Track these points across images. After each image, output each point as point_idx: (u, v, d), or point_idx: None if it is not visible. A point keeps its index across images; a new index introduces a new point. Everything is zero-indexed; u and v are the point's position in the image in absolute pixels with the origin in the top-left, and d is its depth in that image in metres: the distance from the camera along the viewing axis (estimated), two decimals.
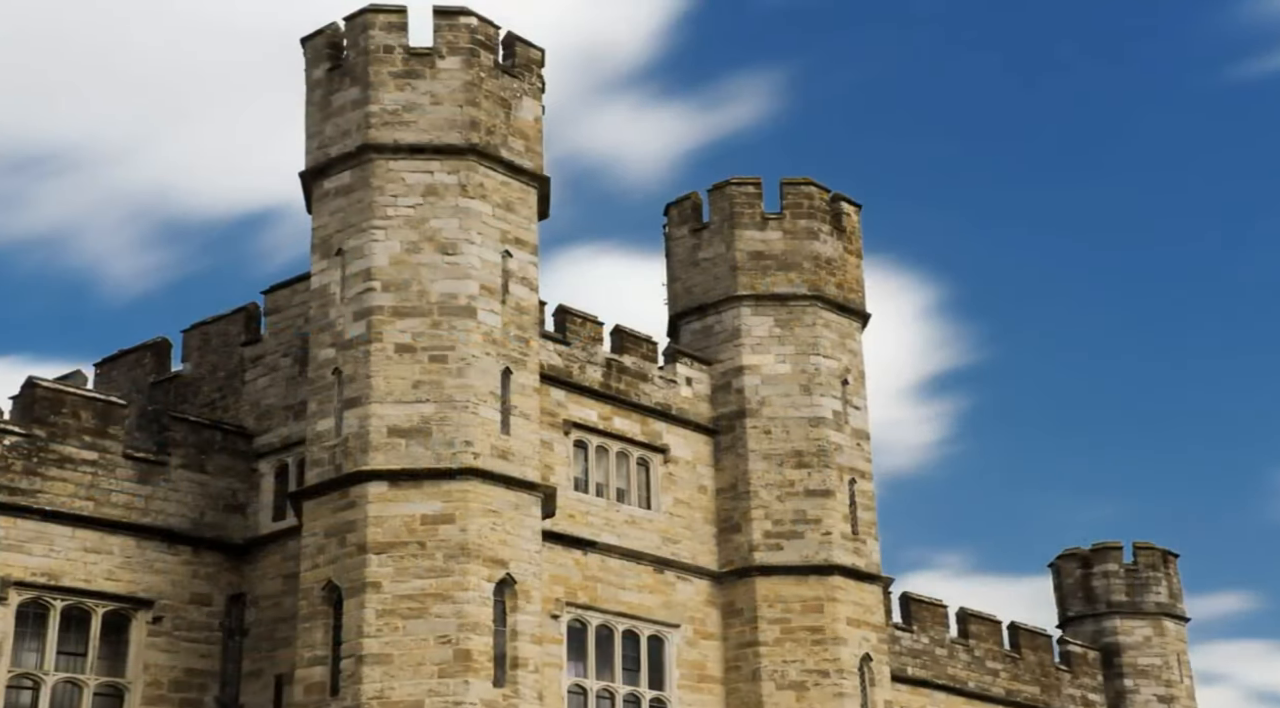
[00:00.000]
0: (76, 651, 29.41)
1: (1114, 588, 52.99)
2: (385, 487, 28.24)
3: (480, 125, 30.85)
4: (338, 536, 28.32)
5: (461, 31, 31.20)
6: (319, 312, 30.30)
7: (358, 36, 31.23)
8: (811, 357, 37.88)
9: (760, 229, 38.78)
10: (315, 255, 30.82)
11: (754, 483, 36.76)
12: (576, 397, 34.57)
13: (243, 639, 31.71)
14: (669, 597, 35.22)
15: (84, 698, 29.21)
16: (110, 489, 30.32)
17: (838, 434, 37.53)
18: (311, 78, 31.91)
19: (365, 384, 28.93)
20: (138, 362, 36.96)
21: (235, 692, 31.32)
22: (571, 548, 33.37)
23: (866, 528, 37.50)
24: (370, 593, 27.55)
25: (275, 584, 31.67)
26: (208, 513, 31.92)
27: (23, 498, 28.92)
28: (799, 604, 35.79)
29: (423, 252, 29.80)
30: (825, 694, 35.08)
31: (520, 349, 30.30)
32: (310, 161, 31.37)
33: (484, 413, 29.05)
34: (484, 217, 30.47)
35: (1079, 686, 49.91)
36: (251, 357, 34.34)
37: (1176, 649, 52.73)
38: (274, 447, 32.82)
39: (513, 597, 28.56)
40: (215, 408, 34.42)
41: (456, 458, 28.48)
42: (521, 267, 30.93)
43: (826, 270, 38.79)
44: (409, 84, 30.80)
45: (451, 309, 29.48)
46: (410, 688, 27.00)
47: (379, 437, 28.56)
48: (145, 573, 30.43)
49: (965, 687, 44.95)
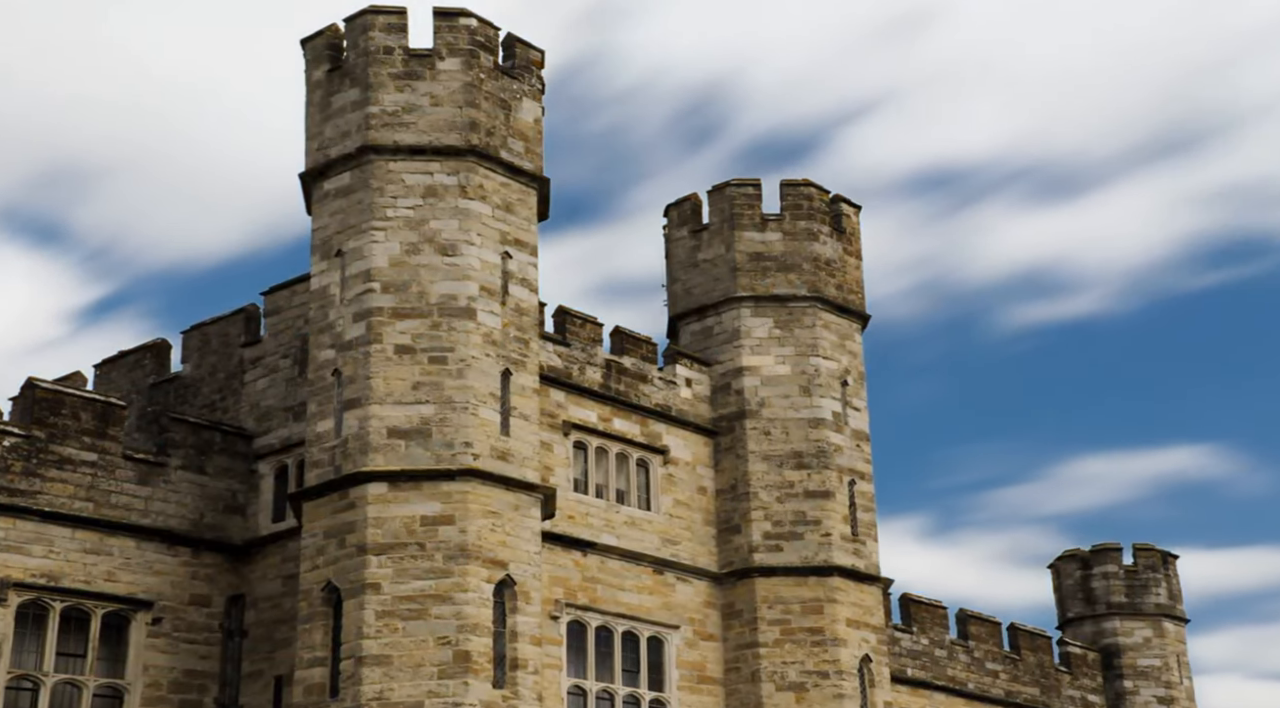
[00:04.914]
0: (76, 652, 29.39)
1: (1114, 589, 53.02)
2: (385, 488, 28.24)
3: (480, 126, 30.84)
4: (337, 537, 28.32)
5: (461, 33, 31.20)
6: (319, 313, 30.29)
7: (358, 38, 31.23)
8: (811, 358, 37.88)
9: (760, 230, 38.78)
10: (315, 256, 30.81)
11: (754, 484, 36.76)
12: (576, 398, 34.57)
13: (242, 640, 31.71)
14: (669, 598, 35.21)
15: (83, 699, 29.19)
16: (110, 490, 30.31)
17: (837, 435, 37.53)
18: (311, 79, 31.91)
19: (365, 385, 28.92)
20: (137, 363, 36.97)
21: (235, 693, 31.31)
22: (571, 549, 33.37)
23: (866, 529, 37.50)
24: (370, 594, 27.55)
25: (275, 585, 31.69)
26: (207, 514, 31.92)
27: (22, 499, 28.91)
28: (799, 605, 35.80)
29: (422, 253, 29.80)
30: (825, 696, 35.08)
31: (520, 350, 30.30)
32: (310, 163, 31.36)
33: (484, 414, 29.04)
34: (484, 218, 30.46)
35: (1079, 687, 49.92)
36: (251, 358, 34.35)
37: (1176, 651, 52.74)
38: (274, 448, 32.82)
39: (512, 598, 28.55)
40: (215, 409, 34.43)
41: (456, 459, 28.47)
42: (521, 268, 30.93)
43: (826, 271, 38.78)
44: (409, 85, 30.79)
45: (451, 310, 29.47)
46: (410, 689, 26.98)
47: (379, 438, 28.55)
48: (145, 574, 30.42)
49: (965, 688, 44.96)
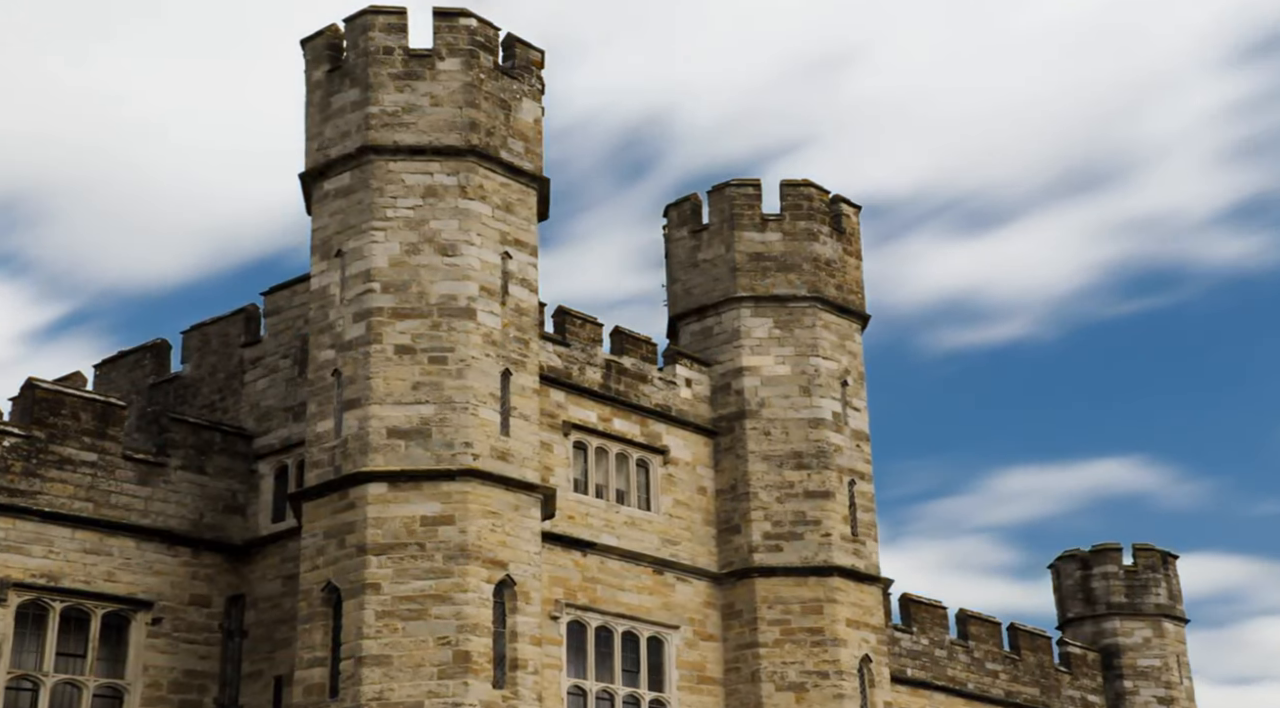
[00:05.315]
0: (76, 652, 29.39)
1: (1113, 589, 53.01)
2: (385, 488, 28.24)
3: (480, 127, 30.84)
4: (337, 537, 28.31)
5: (461, 33, 31.19)
6: (318, 313, 30.29)
7: (357, 38, 31.22)
8: (811, 358, 37.87)
9: (760, 231, 38.78)
10: (315, 257, 30.80)
11: (753, 484, 36.75)
12: (576, 398, 34.57)
13: (242, 641, 31.71)
14: (668, 598, 35.21)
15: (83, 699, 29.19)
16: (110, 491, 30.31)
17: (837, 436, 37.53)
18: (311, 79, 31.91)
19: (365, 385, 28.92)
20: (137, 363, 36.97)
21: (234, 693, 31.31)
22: (571, 549, 33.37)
23: (866, 529, 37.50)
24: (370, 594, 27.54)
25: (275, 586, 31.68)
26: (207, 514, 31.91)
27: (22, 499, 28.91)
28: (798, 606, 35.80)
29: (422, 253, 29.79)
30: (825, 696, 35.08)
31: (520, 350, 30.29)
32: (310, 163, 31.35)
33: (483, 414, 29.04)
34: (483, 218, 30.46)
35: (1079, 687, 49.92)
36: (251, 358, 34.34)
37: (1176, 651, 52.74)
38: (273, 448, 32.82)
39: (512, 598, 28.55)
40: (215, 409, 34.42)
41: (456, 459, 28.47)
42: (521, 268, 30.92)
43: (826, 272, 38.78)
44: (409, 85, 30.79)
45: (451, 310, 29.47)
46: (410, 689, 26.98)
47: (378, 438, 28.55)
48: (145, 574, 30.42)
49: (965, 688, 44.96)
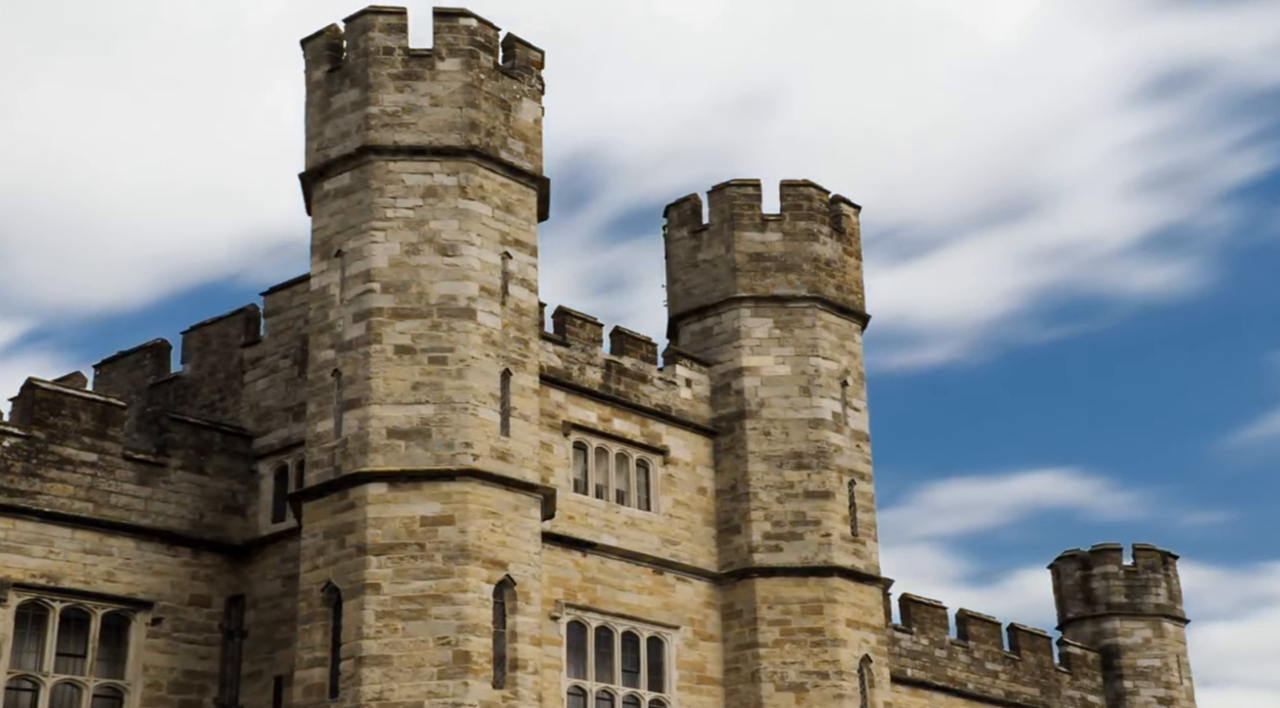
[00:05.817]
0: (76, 652, 29.39)
1: (1113, 590, 53.00)
2: (385, 488, 28.23)
3: (480, 127, 30.84)
4: (337, 537, 28.31)
5: (461, 33, 31.19)
6: (318, 313, 30.28)
7: (357, 38, 31.22)
8: (811, 358, 37.87)
9: (760, 231, 38.78)
10: (315, 257, 30.79)
11: (753, 484, 36.75)
12: (576, 398, 34.57)
13: (242, 641, 31.70)
14: (668, 598, 35.20)
15: (83, 700, 29.19)
16: (110, 491, 30.30)
17: (837, 436, 37.53)
18: (311, 79, 31.90)
19: (365, 386, 28.91)
20: (137, 363, 36.96)
21: (234, 693, 31.31)
22: (571, 549, 33.36)
23: (866, 530, 37.50)
24: (370, 595, 27.54)
25: (275, 586, 31.68)
26: (207, 514, 31.91)
27: (22, 499, 28.91)
28: (798, 606, 35.79)
29: (422, 253, 29.79)
30: (825, 696, 35.07)
31: (520, 351, 30.29)
32: (310, 163, 31.35)
33: (483, 414, 29.04)
34: (483, 218, 30.46)
35: (1078, 687, 49.91)
36: (251, 358, 34.34)
37: (1176, 651, 52.73)
38: (273, 448, 32.82)
39: (512, 598, 28.55)
40: (215, 409, 34.42)
41: (456, 459, 28.47)
42: (521, 268, 30.92)
43: (826, 272, 38.78)
44: (409, 86, 30.79)
45: (451, 311, 29.47)
46: (410, 690, 26.98)
47: (378, 438, 28.55)
48: (145, 575, 30.42)
49: (964, 688, 44.96)
